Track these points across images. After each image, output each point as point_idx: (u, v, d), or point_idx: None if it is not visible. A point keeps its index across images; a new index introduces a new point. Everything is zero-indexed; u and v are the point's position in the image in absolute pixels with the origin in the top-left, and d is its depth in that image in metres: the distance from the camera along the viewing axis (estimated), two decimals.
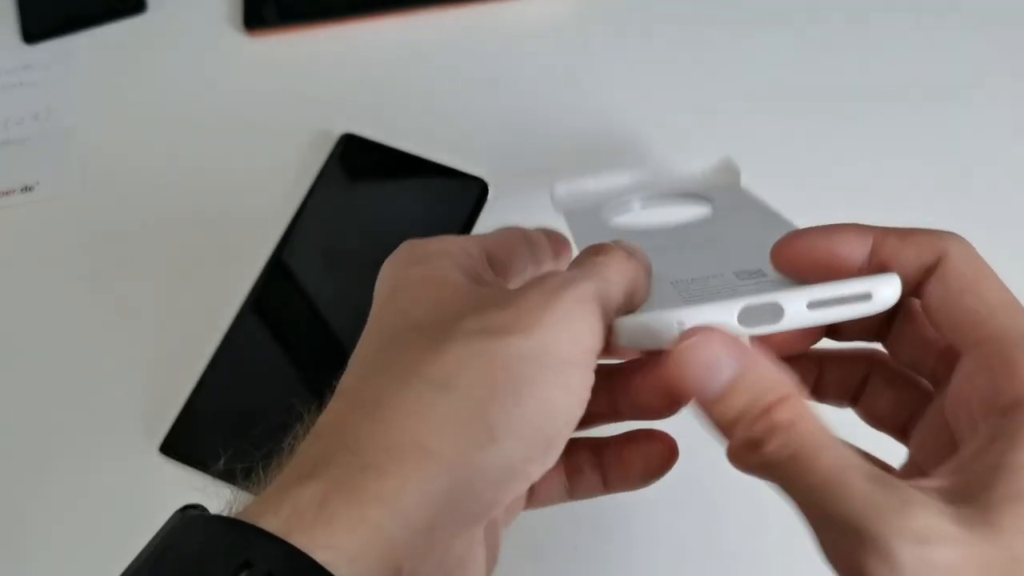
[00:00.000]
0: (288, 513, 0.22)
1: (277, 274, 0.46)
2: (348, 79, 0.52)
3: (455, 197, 0.47)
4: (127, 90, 0.53)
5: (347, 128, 0.49)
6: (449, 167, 0.47)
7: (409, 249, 0.27)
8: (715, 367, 0.21)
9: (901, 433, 0.27)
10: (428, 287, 0.25)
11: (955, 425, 0.23)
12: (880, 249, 0.23)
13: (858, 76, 0.49)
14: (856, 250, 0.23)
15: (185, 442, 0.42)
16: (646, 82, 0.50)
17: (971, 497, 0.20)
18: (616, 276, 0.24)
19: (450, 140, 0.49)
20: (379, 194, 0.48)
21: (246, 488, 0.41)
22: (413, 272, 0.26)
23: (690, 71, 0.50)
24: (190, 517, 0.24)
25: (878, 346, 0.27)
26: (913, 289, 0.23)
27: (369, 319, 0.26)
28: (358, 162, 0.48)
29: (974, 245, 0.23)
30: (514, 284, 0.29)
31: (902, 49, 0.50)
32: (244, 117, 0.52)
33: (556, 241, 0.32)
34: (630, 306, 0.25)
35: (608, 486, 0.28)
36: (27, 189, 0.50)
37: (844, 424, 0.24)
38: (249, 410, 0.43)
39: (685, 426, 0.36)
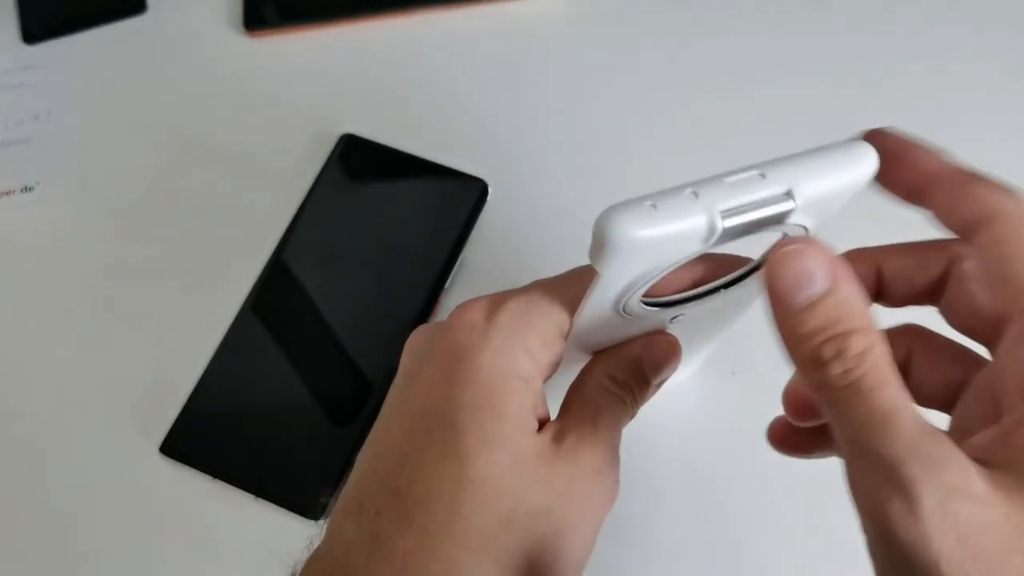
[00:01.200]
0: None
1: (277, 274, 0.46)
2: (348, 79, 0.52)
3: (455, 197, 0.47)
4: (127, 90, 0.53)
5: (347, 128, 0.49)
6: (449, 167, 0.47)
7: (503, 355, 0.25)
8: (808, 279, 0.21)
9: (948, 407, 0.26)
10: (512, 433, 0.25)
11: (1001, 394, 0.22)
12: (938, 188, 0.23)
13: (864, 78, 0.49)
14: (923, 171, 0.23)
15: (185, 442, 0.42)
16: (646, 82, 0.50)
17: (1009, 464, 0.19)
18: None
19: (450, 140, 0.49)
20: (379, 194, 0.48)
21: (248, 489, 0.41)
22: (501, 406, 0.25)
23: (690, 70, 0.50)
24: None
25: (919, 321, 0.27)
26: (923, 294, 0.23)
27: (403, 387, 0.27)
28: (358, 162, 0.48)
29: None
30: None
31: (906, 56, 0.50)
32: (244, 117, 0.52)
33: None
34: None
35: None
36: (27, 189, 0.50)
37: None
38: (249, 410, 0.43)
39: (685, 429, 0.36)
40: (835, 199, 0.23)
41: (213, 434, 0.42)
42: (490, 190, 0.47)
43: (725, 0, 0.53)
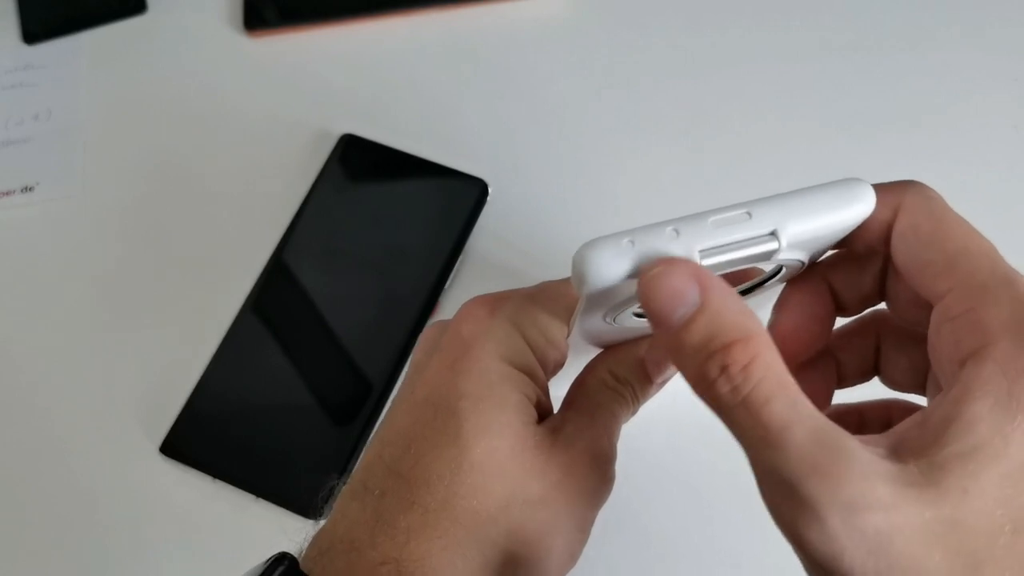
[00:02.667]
0: None
1: (277, 274, 0.46)
2: (348, 79, 0.52)
3: (455, 197, 0.47)
4: (127, 90, 0.53)
5: (347, 128, 0.49)
6: (449, 167, 0.47)
7: (502, 349, 0.26)
8: (679, 297, 0.21)
9: (922, 390, 0.26)
10: (512, 420, 0.26)
11: (940, 378, 0.22)
12: None
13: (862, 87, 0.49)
14: None
15: (185, 442, 0.42)
16: (645, 81, 0.50)
17: (922, 453, 0.19)
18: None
19: (450, 140, 0.49)
20: (379, 194, 0.48)
21: (248, 489, 0.41)
22: (507, 390, 0.26)
23: (690, 70, 0.50)
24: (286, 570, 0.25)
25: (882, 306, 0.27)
26: (883, 244, 0.23)
27: (412, 378, 0.28)
28: (358, 162, 0.48)
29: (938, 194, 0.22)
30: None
31: (908, 70, 0.50)
32: (244, 117, 0.52)
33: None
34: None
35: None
36: (27, 189, 0.50)
37: None
38: (249, 410, 0.43)
39: (674, 425, 0.36)
40: (829, 235, 0.23)
41: (213, 434, 0.42)
42: (490, 190, 0.47)
43: (725, 1, 0.53)
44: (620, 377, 0.28)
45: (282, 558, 0.25)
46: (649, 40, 0.52)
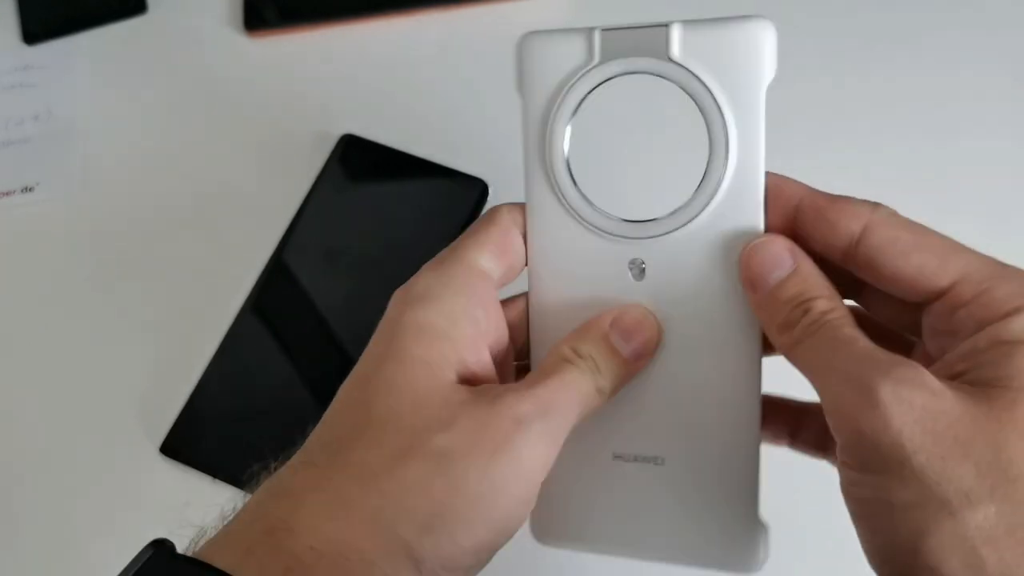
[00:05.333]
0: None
1: (277, 274, 0.46)
2: (348, 79, 0.52)
3: (455, 197, 0.47)
4: (127, 91, 0.53)
5: (347, 128, 0.49)
6: (449, 167, 0.47)
7: (417, 307, 0.28)
8: (777, 261, 0.25)
9: None
10: (418, 379, 0.26)
11: (949, 353, 0.24)
12: (808, 206, 0.26)
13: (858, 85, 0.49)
14: (789, 198, 0.26)
15: (185, 442, 0.42)
16: (646, 81, 0.50)
17: (975, 377, 0.22)
18: (589, 391, 0.26)
19: (450, 140, 0.49)
20: (379, 194, 0.48)
21: (248, 489, 0.41)
22: (411, 352, 0.27)
23: None
24: (153, 556, 0.25)
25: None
26: (845, 256, 0.25)
27: (355, 374, 0.28)
28: (358, 162, 0.48)
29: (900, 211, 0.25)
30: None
31: (904, 61, 0.50)
32: (244, 117, 0.52)
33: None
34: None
35: (794, 443, 0.31)
36: (27, 189, 0.50)
37: None
38: (249, 410, 0.43)
39: None
40: (729, 56, 0.27)
41: (213, 434, 0.42)
42: (490, 190, 0.47)
43: (725, 1, 0.53)
44: (581, 352, 0.27)
45: (154, 544, 0.26)
46: None
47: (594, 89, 0.30)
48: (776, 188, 0.26)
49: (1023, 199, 0.45)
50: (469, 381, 0.26)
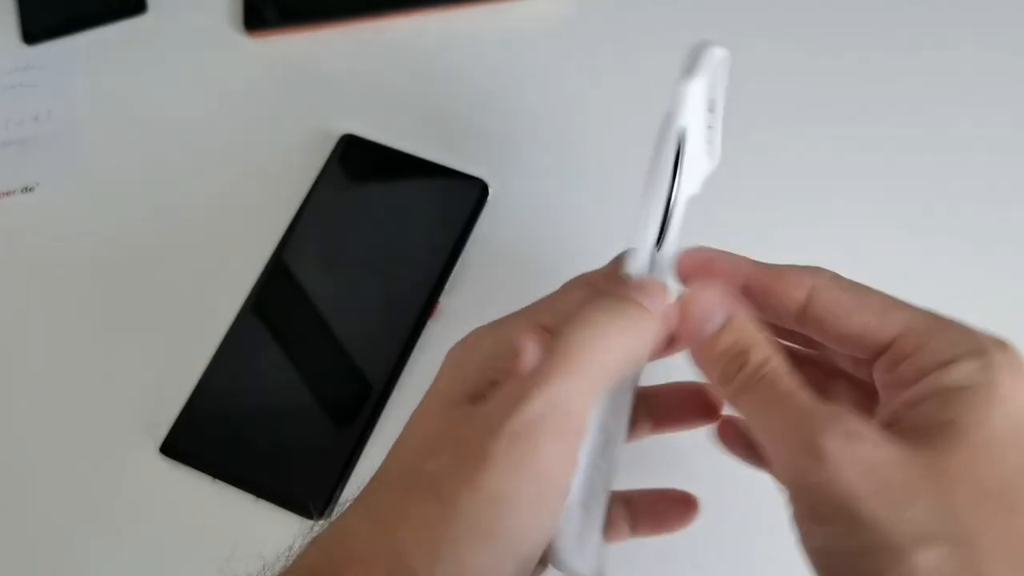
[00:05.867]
0: None
1: (277, 274, 0.46)
2: (348, 79, 0.52)
3: (455, 197, 0.47)
4: (127, 91, 0.53)
5: (347, 128, 0.49)
6: (449, 167, 0.47)
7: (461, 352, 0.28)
8: (710, 313, 0.26)
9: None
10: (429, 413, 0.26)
11: (898, 402, 0.25)
12: (754, 283, 0.27)
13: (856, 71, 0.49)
14: (735, 277, 0.27)
15: (185, 442, 0.42)
16: (646, 82, 0.50)
17: (911, 429, 0.23)
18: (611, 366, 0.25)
19: (450, 140, 0.49)
20: (379, 194, 0.48)
21: (248, 489, 0.41)
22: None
23: None
24: None
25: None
26: (797, 322, 0.26)
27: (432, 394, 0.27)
28: (358, 162, 0.48)
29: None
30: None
31: (904, 49, 0.50)
32: (244, 117, 0.52)
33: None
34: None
35: (635, 532, 0.32)
36: (27, 189, 0.50)
37: None
38: (249, 410, 0.43)
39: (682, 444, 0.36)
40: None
41: (213, 434, 0.42)
42: (490, 190, 0.47)
43: (725, 0, 0.53)
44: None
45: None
46: (650, 39, 0.52)
47: None
48: (722, 267, 0.27)
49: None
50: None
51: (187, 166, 0.50)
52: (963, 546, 0.21)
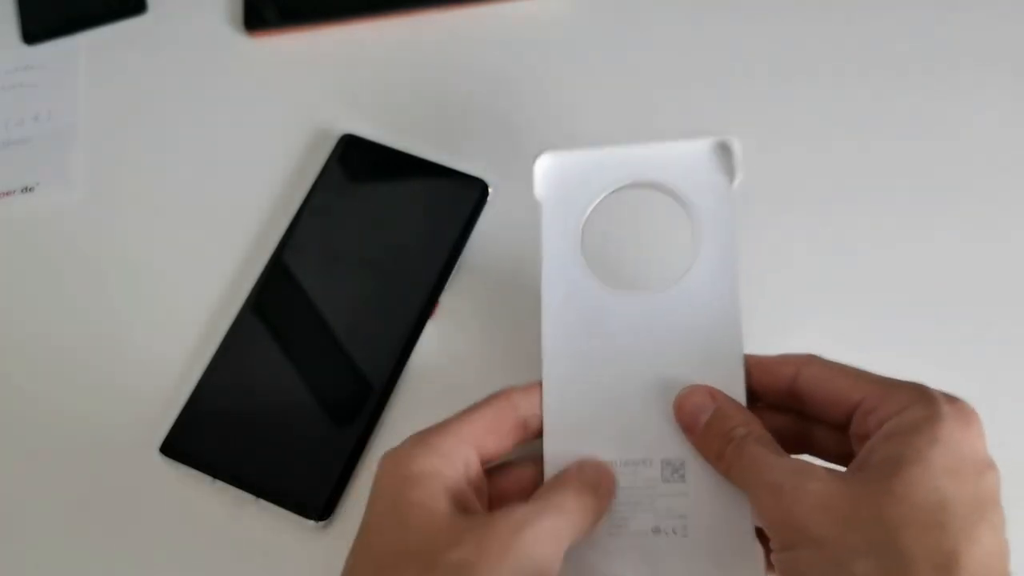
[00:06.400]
0: None
1: (277, 274, 0.46)
2: (348, 79, 0.52)
3: (455, 197, 0.47)
4: (127, 91, 0.53)
5: (347, 128, 0.49)
6: (449, 167, 0.47)
7: (407, 462, 0.30)
8: (702, 407, 0.32)
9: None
10: (421, 516, 0.29)
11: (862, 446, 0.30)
12: (754, 369, 0.33)
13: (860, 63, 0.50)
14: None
15: (185, 442, 0.42)
16: (647, 82, 0.50)
17: (855, 466, 0.28)
18: (576, 508, 0.30)
19: (450, 140, 0.49)
20: (379, 194, 0.48)
21: (248, 489, 0.41)
22: (408, 496, 0.29)
23: (692, 70, 0.50)
24: None
25: None
26: (787, 396, 0.32)
27: (362, 530, 0.30)
28: (358, 162, 0.48)
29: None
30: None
31: (907, 31, 0.50)
32: (244, 117, 0.52)
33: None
34: (590, 531, 0.31)
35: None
36: (27, 189, 0.50)
37: None
38: (249, 410, 0.43)
39: None
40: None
41: (213, 434, 0.42)
42: (490, 190, 0.47)
43: (725, 0, 0.53)
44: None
45: None
46: (651, 39, 0.52)
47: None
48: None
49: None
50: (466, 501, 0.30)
51: (186, 166, 0.50)
52: (895, 557, 0.25)
